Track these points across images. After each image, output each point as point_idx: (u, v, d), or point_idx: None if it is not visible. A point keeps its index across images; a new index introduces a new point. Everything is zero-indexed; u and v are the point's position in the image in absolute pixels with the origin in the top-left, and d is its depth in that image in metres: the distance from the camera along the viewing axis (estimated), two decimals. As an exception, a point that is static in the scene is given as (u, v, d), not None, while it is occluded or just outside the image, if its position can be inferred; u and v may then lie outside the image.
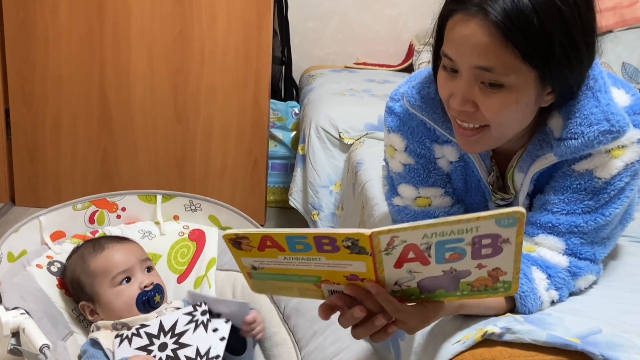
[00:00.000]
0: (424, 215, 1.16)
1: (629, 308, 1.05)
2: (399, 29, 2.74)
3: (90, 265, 1.21)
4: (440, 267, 0.77)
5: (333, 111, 2.03)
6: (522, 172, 1.07)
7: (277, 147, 2.45)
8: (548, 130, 1.02)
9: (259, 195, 2.31)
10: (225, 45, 2.15)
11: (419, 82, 1.09)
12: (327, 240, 0.76)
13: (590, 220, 1.03)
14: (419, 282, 0.80)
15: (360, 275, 0.80)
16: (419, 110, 1.07)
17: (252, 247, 0.80)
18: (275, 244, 0.78)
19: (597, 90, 0.99)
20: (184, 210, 1.42)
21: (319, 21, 2.72)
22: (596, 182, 1.02)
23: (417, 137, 1.12)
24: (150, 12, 2.11)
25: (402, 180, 1.16)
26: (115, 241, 1.26)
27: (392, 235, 0.74)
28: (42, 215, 1.29)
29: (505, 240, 0.74)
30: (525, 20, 0.87)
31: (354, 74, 2.51)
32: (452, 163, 1.13)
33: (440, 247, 0.75)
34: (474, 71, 0.92)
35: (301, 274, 0.82)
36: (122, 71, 2.18)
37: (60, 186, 2.31)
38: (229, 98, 2.21)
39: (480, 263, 0.77)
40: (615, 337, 0.96)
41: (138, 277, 1.21)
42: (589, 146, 0.98)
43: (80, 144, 2.27)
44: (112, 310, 1.19)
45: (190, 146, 2.26)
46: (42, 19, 2.12)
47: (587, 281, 1.08)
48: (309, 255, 0.79)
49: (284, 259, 0.80)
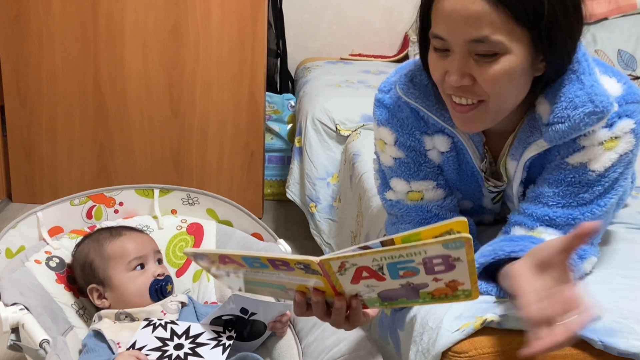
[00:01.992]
0: (416, 209, 1.15)
1: (627, 294, 1.05)
2: (394, 20, 2.74)
3: (107, 249, 1.23)
4: (397, 282, 0.79)
5: (329, 103, 2.03)
6: (514, 160, 1.07)
7: (274, 139, 2.45)
8: (537, 116, 1.02)
9: (256, 188, 2.31)
10: (220, 39, 2.15)
11: (411, 70, 1.09)
12: (280, 262, 0.78)
13: (587, 212, 1.03)
14: (379, 293, 0.82)
15: (320, 288, 0.83)
16: (412, 98, 1.07)
17: (213, 261, 0.83)
18: (233, 262, 0.81)
19: (581, 73, 0.99)
20: (182, 204, 1.42)
21: (313, 13, 2.71)
22: (590, 175, 1.02)
23: (407, 130, 1.12)
24: (144, 6, 2.10)
25: (394, 174, 1.16)
26: (132, 230, 1.30)
27: (342, 261, 0.75)
28: (40, 211, 1.29)
29: (456, 259, 0.74)
30: None
31: (350, 65, 2.51)
32: (443, 154, 1.13)
33: (393, 267, 0.76)
34: (468, 45, 0.92)
35: (267, 282, 0.84)
36: (116, 66, 2.17)
37: (56, 182, 2.31)
38: (224, 91, 2.21)
39: (435, 277, 0.78)
40: (613, 323, 0.96)
41: (151, 265, 1.24)
42: (575, 129, 0.98)
43: (76, 139, 2.26)
44: (123, 294, 1.20)
45: (186, 140, 2.26)
46: (35, 14, 2.11)
47: (591, 263, 1.09)
48: (268, 271, 0.81)
49: (246, 272, 0.83)
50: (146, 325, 1.15)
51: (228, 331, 1.16)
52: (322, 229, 1.93)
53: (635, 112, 1.01)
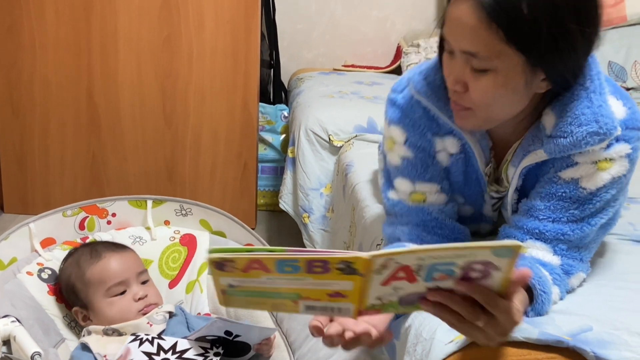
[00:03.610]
0: (417, 211, 1.15)
1: (619, 305, 1.06)
2: (386, 30, 2.75)
3: (86, 273, 1.21)
4: (426, 285, 0.77)
5: (322, 114, 2.04)
6: (514, 166, 1.08)
7: (267, 150, 2.45)
8: (541, 126, 1.03)
9: (249, 198, 2.31)
10: (214, 49, 2.15)
11: (426, 69, 1.09)
12: (319, 264, 0.75)
13: (577, 229, 1.04)
14: (402, 296, 0.80)
15: (344, 292, 0.79)
16: (425, 97, 1.07)
17: (236, 269, 0.77)
18: (262, 267, 0.77)
19: (592, 92, 0.99)
20: (175, 215, 1.41)
21: (306, 24, 2.73)
22: (581, 192, 1.03)
23: (419, 130, 1.12)
24: (137, 16, 2.11)
25: (399, 174, 1.16)
26: (113, 249, 1.25)
27: (389, 258, 0.73)
28: (32, 222, 1.29)
29: (496, 268, 0.74)
30: (513, 3, 0.88)
31: (343, 76, 2.52)
32: (452, 156, 1.13)
33: (432, 269, 0.75)
34: (464, 55, 0.94)
35: (281, 291, 0.81)
36: (110, 76, 2.17)
37: (49, 193, 2.30)
38: (217, 102, 2.21)
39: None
40: (605, 334, 0.97)
41: (133, 289, 1.21)
42: (576, 146, 0.99)
43: (68, 150, 2.25)
44: (105, 318, 1.19)
45: (179, 150, 2.26)
46: (28, 24, 2.11)
47: (579, 279, 1.09)
48: (296, 276, 0.77)
49: (266, 279, 0.79)
50: (132, 340, 1.14)
51: (215, 347, 1.16)
52: (315, 240, 1.93)
53: (633, 139, 1.01)
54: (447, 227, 1.16)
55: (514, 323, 0.79)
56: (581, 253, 1.07)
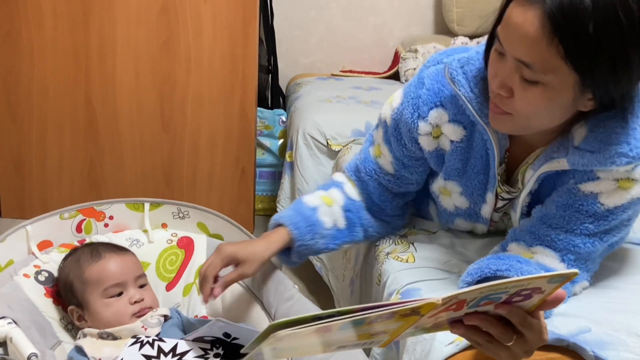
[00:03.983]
0: (378, 171, 1.27)
1: (617, 307, 1.06)
2: (384, 36, 2.76)
3: (85, 272, 1.20)
4: (466, 311, 0.75)
5: (320, 118, 2.04)
6: (533, 170, 1.08)
7: (265, 155, 2.45)
8: (570, 136, 1.01)
9: (247, 203, 2.31)
10: (212, 54, 2.16)
11: (464, 57, 1.08)
12: (386, 315, 0.70)
13: (588, 243, 1.04)
14: (436, 323, 0.77)
15: (387, 330, 0.75)
16: (458, 85, 1.07)
17: (296, 338, 0.70)
18: (325, 330, 0.70)
19: (629, 112, 0.97)
20: (172, 217, 1.41)
21: (304, 30, 2.73)
22: (599, 207, 1.02)
23: (411, 108, 1.17)
24: (135, 21, 2.11)
25: (381, 126, 1.26)
26: (113, 251, 1.25)
27: (454, 297, 0.70)
28: (29, 224, 1.28)
29: (541, 292, 0.72)
30: (580, 20, 0.84)
31: (340, 81, 2.52)
32: (452, 142, 1.14)
33: (484, 298, 0.72)
34: (516, 62, 0.91)
35: (323, 342, 0.75)
36: (108, 81, 2.17)
37: (46, 197, 2.29)
38: (215, 107, 2.21)
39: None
40: (604, 335, 0.97)
41: (130, 291, 1.20)
42: (601, 163, 0.97)
43: (66, 154, 2.25)
44: (100, 319, 1.18)
45: (177, 155, 2.26)
46: (26, 29, 2.11)
47: (582, 287, 1.10)
48: (355, 328, 0.72)
49: (320, 337, 0.72)
50: (133, 342, 1.14)
51: (215, 348, 1.15)
52: (313, 244, 1.92)
53: None
54: (371, 190, 1.28)
55: (542, 341, 0.79)
56: (587, 265, 1.07)
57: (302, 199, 1.28)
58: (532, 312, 0.76)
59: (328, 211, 1.26)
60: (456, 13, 2.57)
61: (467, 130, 1.12)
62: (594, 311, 1.04)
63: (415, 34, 2.74)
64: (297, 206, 1.27)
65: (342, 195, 1.29)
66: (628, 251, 1.23)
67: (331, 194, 1.29)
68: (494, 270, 0.99)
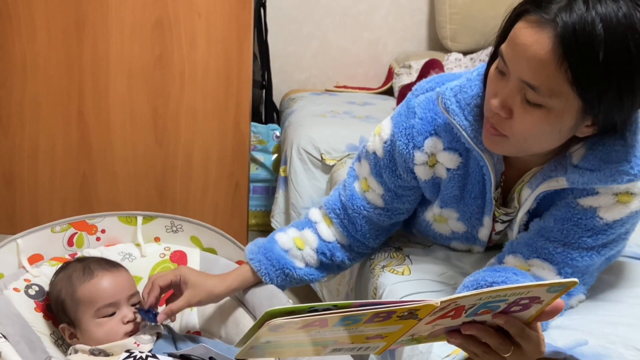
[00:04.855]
0: (352, 195, 1.23)
1: (614, 320, 1.05)
2: (378, 52, 2.77)
3: (77, 291, 1.18)
4: (464, 320, 0.75)
5: (314, 132, 2.04)
6: (530, 189, 1.06)
7: (259, 170, 2.44)
8: (568, 154, 1.00)
9: (241, 218, 2.29)
10: (206, 69, 2.15)
11: (456, 86, 1.07)
12: (384, 314, 0.69)
13: (586, 257, 1.03)
14: (433, 331, 0.77)
15: (385, 334, 0.74)
16: (452, 114, 1.05)
17: (292, 328, 0.70)
18: (322, 323, 0.70)
19: (627, 130, 0.96)
20: (165, 231, 1.40)
21: (299, 45, 2.74)
22: (597, 221, 1.01)
23: (405, 137, 1.14)
24: (129, 35, 2.11)
25: (365, 158, 1.24)
26: (106, 268, 1.22)
27: (453, 302, 0.69)
28: (20, 237, 1.27)
29: (540, 302, 0.72)
30: (591, 46, 0.83)
31: (335, 96, 2.53)
32: (449, 170, 1.13)
33: (482, 306, 0.72)
34: (520, 83, 0.90)
35: (317, 340, 0.75)
36: (101, 95, 2.16)
37: (37, 212, 2.27)
38: (209, 121, 2.20)
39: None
40: (601, 348, 0.96)
41: (123, 311, 1.18)
42: (602, 181, 0.96)
43: (58, 169, 2.23)
44: (91, 338, 1.16)
45: (170, 170, 2.24)
46: (19, 43, 2.11)
47: (578, 300, 1.09)
48: (351, 327, 0.71)
49: (316, 333, 0.72)
50: (126, 357, 1.12)
51: None
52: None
53: None
54: (358, 228, 1.24)
55: (540, 354, 0.78)
56: (584, 278, 1.07)
57: (275, 239, 1.28)
58: (530, 324, 0.76)
59: (299, 255, 1.25)
60: (449, 30, 2.59)
61: (463, 157, 1.11)
62: (590, 324, 1.04)
63: (409, 50, 2.75)
64: (269, 246, 1.26)
65: (315, 237, 1.26)
66: (624, 265, 1.23)
67: (304, 235, 1.27)
68: (490, 282, 0.99)
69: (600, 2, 0.84)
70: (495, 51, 0.97)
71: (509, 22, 0.94)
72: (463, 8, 2.55)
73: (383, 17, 2.73)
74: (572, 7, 0.84)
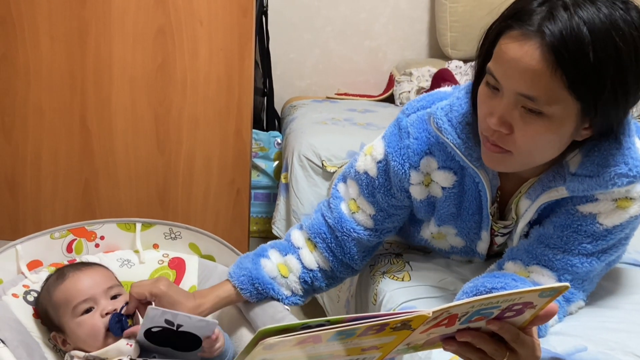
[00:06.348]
0: (340, 217, 1.20)
1: (613, 326, 1.05)
2: (378, 60, 2.78)
3: (52, 296, 1.17)
4: (459, 327, 0.75)
5: (315, 139, 2.04)
6: (529, 200, 1.06)
7: (260, 177, 2.45)
8: (564, 163, 1.00)
9: (242, 225, 2.30)
10: (208, 76, 2.16)
11: (447, 105, 1.07)
12: (377, 327, 0.69)
13: (586, 263, 1.03)
14: (429, 339, 0.77)
15: (380, 345, 0.74)
16: (445, 133, 1.05)
17: (286, 346, 0.69)
18: (315, 340, 0.69)
19: (621, 133, 0.97)
20: (164, 238, 1.40)
21: (300, 53, 2.75)
22: (598, 227, 1.01)
23: (400, 157, 1.12)
24: (132, 43, 2.12)
25: (354, 178, 1.21)
26: (78, 269, 1.21)
27: (445, 311, 0.69)
28: (19, 243, 1.27)
29: (533, 306, 0.72)
30: (581, 50, 0.85)
31: (335, 104, 2.53)
32: (444, 189, 1.12)
33: (475, 314, 0.72)
34: (517, 97, 0.90)
35: (311, 356, 0.74)
36: (103, 102, 2.17)
37: (40, 219, 2.28)
38: (211, 129, 2.21)
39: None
40: (600, 354, 0.96)
41: (101, 304, 1.16)
42: (602, 186, 0.97)
43: (61, 176, 2.24)
44: (78, 340, 1.15)
45: (172, 177, 2.25)
46: (23, 51, 2.12)
47: (577, 306, 1.09)
48: (345, 340, 0.71)
49: (310, 349, 0.72)
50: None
51: None
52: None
53: None
54: (346, 251, 1.21)
55: (535, 358, 0.78)
56: (584, 285, 1.07)
57: (261, 265, 1.23)
58: (525, 328, 0.76)
59: (284, 283, 1.23)
60: (450, 37, 2.60)
61: (458, 175, 1.11)
62: (589, 330, 1.04)
63: (409, 57, 2.76)
64: (256, 274, 1.21)
65: (298, 264, 1.23)
66: (623, 271, 1.22)
67: (287, 262, 1.24)
68: (489, 288, 0.99)
69: (580, 7, 0.86)
70: (479, 71, 0.98)
71: (489, 42, 0.95)
72: (463, 16, 2.55)
73: (383, 25, 2.74)
74: (554, 16, 0.86)
